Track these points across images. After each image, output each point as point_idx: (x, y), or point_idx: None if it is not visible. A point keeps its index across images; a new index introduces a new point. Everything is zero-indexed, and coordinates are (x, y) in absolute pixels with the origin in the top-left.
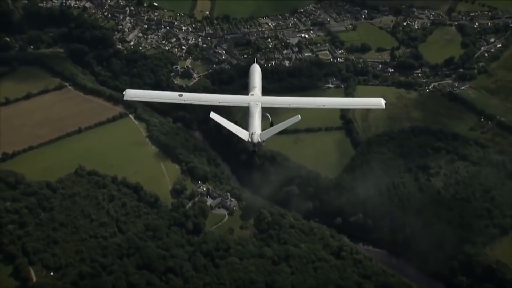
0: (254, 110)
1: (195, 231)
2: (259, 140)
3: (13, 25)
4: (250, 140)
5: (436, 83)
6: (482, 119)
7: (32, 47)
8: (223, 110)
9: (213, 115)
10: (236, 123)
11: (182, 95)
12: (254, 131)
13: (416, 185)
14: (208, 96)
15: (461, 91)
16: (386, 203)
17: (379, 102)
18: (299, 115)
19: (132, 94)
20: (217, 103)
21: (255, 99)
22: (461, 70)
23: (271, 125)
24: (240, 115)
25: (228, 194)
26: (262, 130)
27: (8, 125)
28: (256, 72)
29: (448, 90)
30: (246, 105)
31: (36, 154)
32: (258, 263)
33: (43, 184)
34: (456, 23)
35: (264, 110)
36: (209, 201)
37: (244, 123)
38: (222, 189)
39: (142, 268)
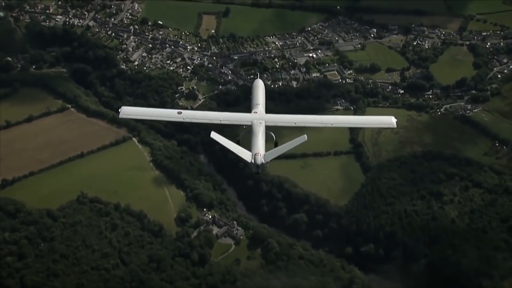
0: (258, 129)
1: (200, 262)
2: (263, 161)
3: (15, 45)
4: (253, 161)
5: (448, 105)
6: (497, 144)
7: (34, 67)
8: (226, 128)
9: (214, 135)
10: (238, 142)
11: (181, 112)
12: (258, 151)
13: (430, 214)
14: (209, 114)
15: (474, 114)
16: (398, 232)
17: (390, 121)
18: (306, 135)
19: (128, 111)
20: (218, 122)
21: (259, 117)
22: (474, 91)
23: (276, 145)
24: (242, 134)
25: (235, 222)
26: (266, 150)
27: (9, 149)
28: (259, 88)
29: (461, 112)
30: (249, 123)
31: (37, 180)
32: None
33: (43, 212)
34: (467, 42)
35: (268, 129)
36: (215, 230)
37: (247, 143)
38: (228, 216)
39: None
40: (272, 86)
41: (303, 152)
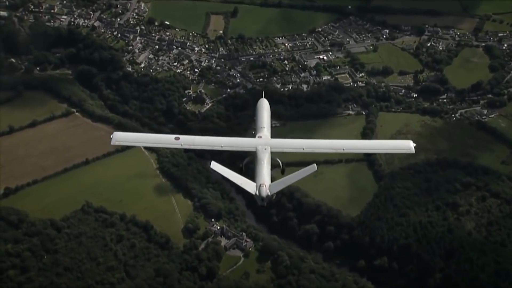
0: (263, 156)
1: (208, 276)
2: (268, 194)
3: (19, 46)
4: (257, 193)
5: (463, 110)
6: None
7: (38, 68)
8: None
9: (214, 165)
10: (241, 170)
11: (179, 138)
12: (263, 182)
13: (445, 225)
14: (209, 140)
15: (490, 119)
16: (413, 245)
17: (408, 146)
18: (315, 165)
19: (121, 138)
20: (219, 148)
21: (264, 142)
22: (490, 96)
23: (282, 172)
24: (246, 161)
25: (244, 233)
26: (272, 179)
27: (12, 156)
28: (264, 109)
29: (476, 118)
30: (253, 149)
31: (40, 188)
32: None
33: (47, 223)
34: (483, 44)
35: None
36: (223, 242)
37: (250, 171)
38: (237, 227)
39: None
40: (282, 89)
41: (313, 160)
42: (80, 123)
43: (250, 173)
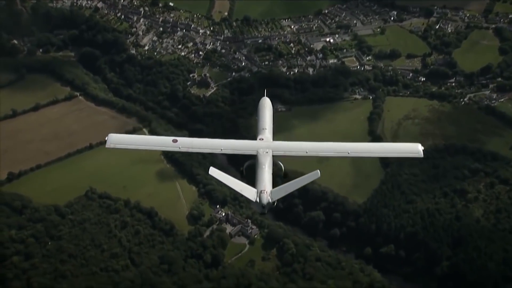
0: (264, 159)
1: (213, 264)
2: (269, 201)
3: (21, 27)
4: (258, 200)
5: (472, 95)
6: None
7: (41, 50)
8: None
9: (213, 171)
10: (242, 173)
11: (176, 140)
12: (264, 188)
13: (453, 213)
14: (208, 142)
15: (499, 104)
16: (420, 232)
17: (416, 149)
18: (318, 171)
19: (116, 140)
20: (218, 151)
21: (265, 145)
22: (500, 79)
23: (285, 175)
24: (247, 164)
25: (249, 220)
26: (274, 185)
27: (15, 140)
28: (266, 109)
29: (486, 102)
30: (254, 152)
31: (44, 173)
32: None
33: (51, 208)
34: (493, 26)
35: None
36: (229, 229)
37: (251, 175)
38: (242, 213)
39: None
40: (288, 73)
41: None
42: (84, 107)
43: (252, 176)
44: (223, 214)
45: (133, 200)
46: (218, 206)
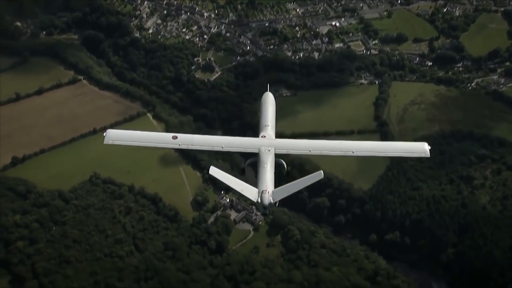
0: (266, 158)
1: (218, 250)
2: (271, 201)
3: (24, 9)
4: (259, 201)
5: (479, 79)
6: None
7: (44, 32)
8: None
9: (213, 171)
10: (243, 171)
11: (176, 137)
12: (265, 188)
13: (459, 199)
14: (209, 139)
15: (508, 88)
16: (425, 219)
17: (423, 148)
18: (322, 172)
19: (114, 136)
20: (219, 148)
21: (267, 143)
22: (508, 64)
23: (288, 174)
24: (249, 162)
25: (253, 207)
26: (276, 185)
27: (19, 124)
28: (269, 105)
29: (493, 87)
30: (255, 150)
31: (48, 158)
32: None
33: (55, 193)
34: (502, 9)
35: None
36: (233, 215)
37: (252, 173)
38: (246, 200)
39: None
40: (293, 57)
41: (324, 131)
42: (87, 91)
43: (254, 174)
44: (228, 200)
45: (137, 185)
46: (222, 192)
